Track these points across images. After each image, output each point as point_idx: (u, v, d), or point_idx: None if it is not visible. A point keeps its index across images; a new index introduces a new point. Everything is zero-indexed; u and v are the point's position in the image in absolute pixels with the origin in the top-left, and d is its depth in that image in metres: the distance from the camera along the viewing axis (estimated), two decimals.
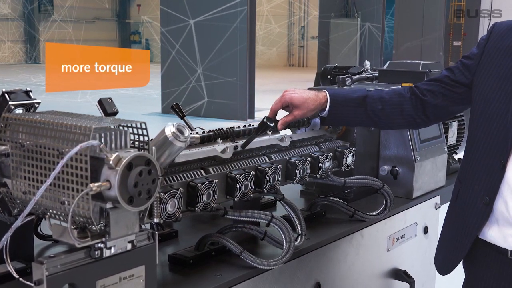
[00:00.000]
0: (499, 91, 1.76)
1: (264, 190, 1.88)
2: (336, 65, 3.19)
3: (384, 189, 2.27)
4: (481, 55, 1.84)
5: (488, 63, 1.81)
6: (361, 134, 2.47)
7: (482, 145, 1.79)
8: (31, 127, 1.39)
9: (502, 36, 1.82)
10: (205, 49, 12.88)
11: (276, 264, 1.74)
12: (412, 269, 2.49)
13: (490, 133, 1.77)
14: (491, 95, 1.78)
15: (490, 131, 1.77)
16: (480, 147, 1.80)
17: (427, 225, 2.64)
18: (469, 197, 1.83)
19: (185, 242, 1.93)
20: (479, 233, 1.82)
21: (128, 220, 1.35)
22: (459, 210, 1.89)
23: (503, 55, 1.79)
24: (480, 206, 1.79)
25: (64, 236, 1.30)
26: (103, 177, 1.26)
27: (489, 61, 1.82)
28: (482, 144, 1.79)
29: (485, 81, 1.80)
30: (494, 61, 1.80)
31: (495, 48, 1.81)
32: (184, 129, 1.54)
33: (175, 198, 1.57)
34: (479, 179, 1.80)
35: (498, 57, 1.80)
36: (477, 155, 1.81)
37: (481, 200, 1.78)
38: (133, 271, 1.38)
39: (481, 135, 1.80)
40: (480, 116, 1.80)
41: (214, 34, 12.72)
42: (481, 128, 1.80)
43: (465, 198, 1.85)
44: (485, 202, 1.77)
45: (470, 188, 1.83)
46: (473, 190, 1.82)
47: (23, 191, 1.39)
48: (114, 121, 1.39)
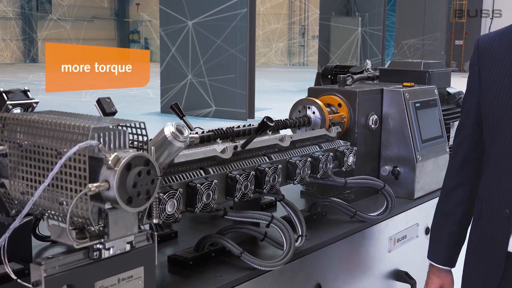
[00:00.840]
0: (500, 102, 1.75)
1: (264, 190, 1.88)
2: (336, 64, 3.20)
3: (385, 190, 2.27)
4: (479, 72, 1.83)
5: (487, 77, 1.81)
6: (362, 134, 2.47)
7: (497, 160, 1.78)
8: (29, 127, 1.39)
9: (488, 49, 1.82)
10: (205, 48, 12.88)
11: (276, 265, 1.74)
12: (413, 270, 2.49)
13: (501, 144, 1.76)
14: (494, 108, 1.77)
15: (500, 142, 1.76)
16: (495, 162, 1.79)
17: (428, 226, 2.64)
18: (491, 213, 1.81)
19: (185, 243, 1.92)
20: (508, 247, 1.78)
21: (127, 221, 1.35)
22: (485, 228, 1.85)
23: (497, 65, 1.79)
24: (502, 220, 1.77)
25: (62, 237, 1.30)
26: (101, 178, 1.26)
27: (487, 75, 1.81)
28: (497, 158, 1.78)
29: (490, 98, 1.79)
30: (490, 74, 1.80)
31: (488, 62, 1.81)
32: (183, 129, 1.54)
33: (175, 198, 1.57)
34: (499, 194, 1.79)
35: (492, 70, 1.80)
36: (494, 171, 1.80)
37: (503, 214, 1.77)
38: (132, 272, 1.38)
39: (494, 150, 1.79)
40: (493, 131, 1.78)
41: (214, 33, 12.72)
42: (492, 143, 1.79)
43: (488, 214, 1.83)
44: (506, 215, 1.76)
45: (492, 204, 1.81)
46: (494, 206, 1.80)
47: (21, 191, 1.39)
48: (113, 121, 1.39)
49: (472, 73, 1.87)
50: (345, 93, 2.45)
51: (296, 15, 30.15)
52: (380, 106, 2.57)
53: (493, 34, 1.87)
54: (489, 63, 1.81)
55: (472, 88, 1.87)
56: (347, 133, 2.43)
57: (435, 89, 2.80)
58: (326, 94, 2.48)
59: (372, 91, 2.54)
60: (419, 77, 2.85)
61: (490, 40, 1.84)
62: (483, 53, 1.83)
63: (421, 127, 2.60)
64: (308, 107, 2.37)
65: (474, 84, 1.86)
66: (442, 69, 3.00)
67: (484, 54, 1.83)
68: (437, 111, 2.77)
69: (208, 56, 12.85)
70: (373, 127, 2.51)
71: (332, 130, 2.32)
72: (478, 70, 1.83)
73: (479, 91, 1.83)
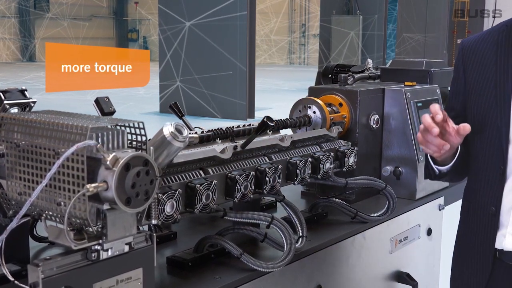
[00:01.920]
0: (485, 101, 1.79)
1: (264, 191, 1.88)
2: (337, 63, 3.20)
3: (386, 190, 2.27)
4: (464, 72, 1.87)
5: (472, 77, 1.84)
6: (363, 134, 2.47)
7: (481, 158, 1.81)
8: (27, 127, 1.39)
9: (473, 50, 1.85)
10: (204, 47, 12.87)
11: (276, 267, 1.74)
12: (415, 271, 2.49)
13: (485, 143, 1.79)
14: (478, 107, 1.81)
15: (484, 141, 1.79)
16: (479, 160, 1.82)
17: (430, 227, 2.64)
18: (477, 212, 1.84)
19: (184, 244, 1.93)
20: (495, 244, 1.80)
21: (125, 222, 1.35)
22: (472, 226, 1.87)
23: (482, 65, 1.82)
24: (488, 217, 1.79)
25: (60, 238, 1.30)
26: (100, 178, 1.26)
27: (472, 75, 1.85)
28: (481, 157, 1.81)
29: (475, 97, 1.83)
30: (475, 74, 1.84)
31: (472, 62, 1.85)
32: (182, 129, 1.54)
33: (174, 199, 1.57)
34: (484, 192, 1.81)
35: (476, 69, 1.83)
36: (478, 169, 1.83)
37: (488, 211, 1.79)
38: (131, 273, 1.38)
39: (478, 149, 1.82)
40: (473, 129, 1.79)
41: (214, 32, 12.72)
42: (477, 142, 1.82)
43: (474, 213, 1.86)
44: (491, 212, 1.78)
45: (478, 202, 1.84)
46: (480, 204, 1.82)
47: (19, 192, 1.39)
48: (111, 120, 1.39)
49: (457, 75, 1.91)
50: (346, 92, 2.45)
51: (296, 13, 30.15)
52: (381, 106, 2.57)
53: (477, 35, 1.90)
54: (474, 63, 1.85)
55: (457, 90, 1.91)
56: (348, 133, 2.43)
57: (437, 88, 2.80)
58: (327, 93, 2.48)
59: (373, 91, 2.55)
60: (421, 76, 2.85)
61: (475, 41, 1.88)
62: (467, 54, 1.87)
63: None
64: (309, 106, 2.37)
65: (459, 86, 1.90)
66: (444, 68, 3.00)
67: (469, 55, 1.86)
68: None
69: (207, 55, 12.85)
70: (375, 127, 2.51)
71: (333, 130, 2.32)
72: (463, 71, 1.87)
73: (464, 92, 1.87)
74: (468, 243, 1.90)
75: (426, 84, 2.83)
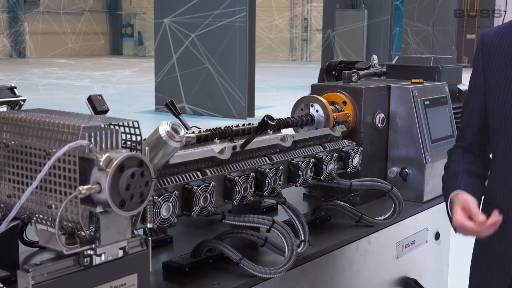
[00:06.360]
0: (509, 98, 1.77)
1: (265, 193, 1.88)
2: (341, 59, 3.20)
3: (392, 192, 2.27)
4: (483, 68, 1.86)
5: (493, 72, 1.83)
6: (368, 134, 2.48)
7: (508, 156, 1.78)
8: (16, 126, 1.39)
9: (494, 43, 1.84)
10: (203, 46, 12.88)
11: (277, 272, 1.74)
12: (422, 277, 2.50)
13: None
14: (500, 103, 1.79)
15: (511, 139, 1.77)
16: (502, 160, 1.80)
17: (438, 231, 2.64)
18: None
19: (181, 248, 1.93)
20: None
21: (119, 225, 1.35)
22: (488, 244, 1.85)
23: (502, 60, 1.81)
24: (510, 220, 1.76)
25: (51, 242, 1.29)
26: (92, 180, 1.26)
27: (492, 70, 1.83)
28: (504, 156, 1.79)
29: (496, 93, 1.81)
30: (496, 69, 1.82)
31: (493, 56, 1.84)
32: (179, 128, 1.54)
33: (170, 201, 1.57)
34: (505, 194, 1.79)
35: (497, 64, 1.82)
36: (501, 168, 1.81)
37: (510, 214, 1.76)
38: (125, 279, 1.39)
39: (502, 147, 1.80)
40: (499, 127, 1.79)
41: (213, 30, 12.73)
42: (501, 141, 1.80)
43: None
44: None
45: (498, 205, 1.79)
46: (501, 206, 1.78)
47: (8, 194, 1.39)
48: (105, 119, 1.39)
49: (476, 69, 1.90)
50: (350, 90, 2.46)
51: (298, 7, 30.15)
52: (387, 104, 2.58)
53: (496, 28, 1.89)
54: (494, 57, 1.84)
55: (477, 84, 1.89)
56: (352, 132, 2.43)
57: (445, 86, 2.81)
58: (330, 91, 2.48)
59: (378, 88, 2.55)
60: (429, 73, 2.85)
61: (495, 34, 1.87)
62: (488, 47, 1.86)
63: (430, 126, 2.60)
64: (311, 105, 2.37)
65: (478, 80, 1.88)
66: (453, 64, 3.00)
67: (489, 48, 1.85)
68: (448, 109, 2.77)
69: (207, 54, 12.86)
70: (380, 126, 2.52)
71: (337, 129, 2.32)
72: (482, 66, 1.86)
73: (484, 86, 1.86)
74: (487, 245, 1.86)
75: (434, 81, 2.84)
